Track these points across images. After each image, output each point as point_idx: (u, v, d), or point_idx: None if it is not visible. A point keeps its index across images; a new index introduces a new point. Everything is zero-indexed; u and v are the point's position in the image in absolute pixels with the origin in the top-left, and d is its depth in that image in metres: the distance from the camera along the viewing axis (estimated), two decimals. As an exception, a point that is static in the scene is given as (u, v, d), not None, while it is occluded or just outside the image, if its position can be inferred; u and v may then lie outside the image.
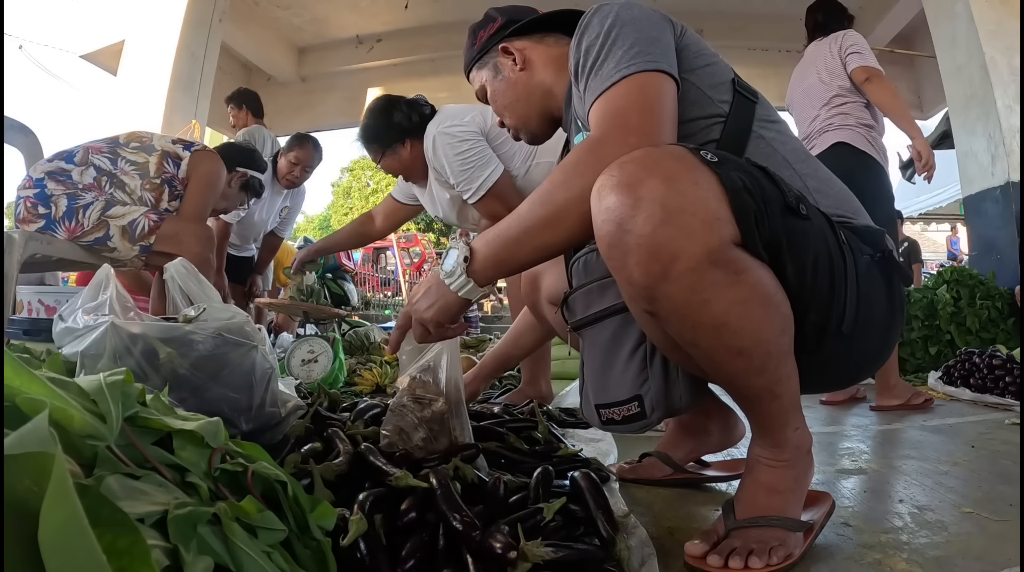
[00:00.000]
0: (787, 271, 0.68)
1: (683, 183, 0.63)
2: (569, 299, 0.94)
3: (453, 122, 1.75)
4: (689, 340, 0.69)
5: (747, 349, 0.67)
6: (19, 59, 15.57)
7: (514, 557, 0.56)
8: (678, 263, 0.62)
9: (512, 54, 0.99)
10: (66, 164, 1.87)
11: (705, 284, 0.63)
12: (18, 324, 1.65)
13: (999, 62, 3.24)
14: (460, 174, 1.73)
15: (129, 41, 4.39)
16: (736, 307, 0.65)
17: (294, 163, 2.79)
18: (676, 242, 0.62)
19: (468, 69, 1.08)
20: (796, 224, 0.69)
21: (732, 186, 0.64)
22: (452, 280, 0.79)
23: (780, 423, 0.73)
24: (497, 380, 2.21)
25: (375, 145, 1.86)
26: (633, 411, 0.83)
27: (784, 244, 0.67)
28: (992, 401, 1.90)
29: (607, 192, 0.65)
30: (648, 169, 0.64)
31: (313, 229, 24.18)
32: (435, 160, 1.77)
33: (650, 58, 0.75)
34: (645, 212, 0.62)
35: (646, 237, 0.62)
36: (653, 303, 0.67)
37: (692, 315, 0.65)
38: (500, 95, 1.03)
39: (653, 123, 0.72)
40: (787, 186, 0.71)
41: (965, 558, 0.70)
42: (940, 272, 3.02)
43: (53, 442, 0.28)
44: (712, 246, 0.62)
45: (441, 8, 5.72)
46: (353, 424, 0.96)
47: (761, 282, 0.66)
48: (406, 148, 1.84)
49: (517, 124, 1.04)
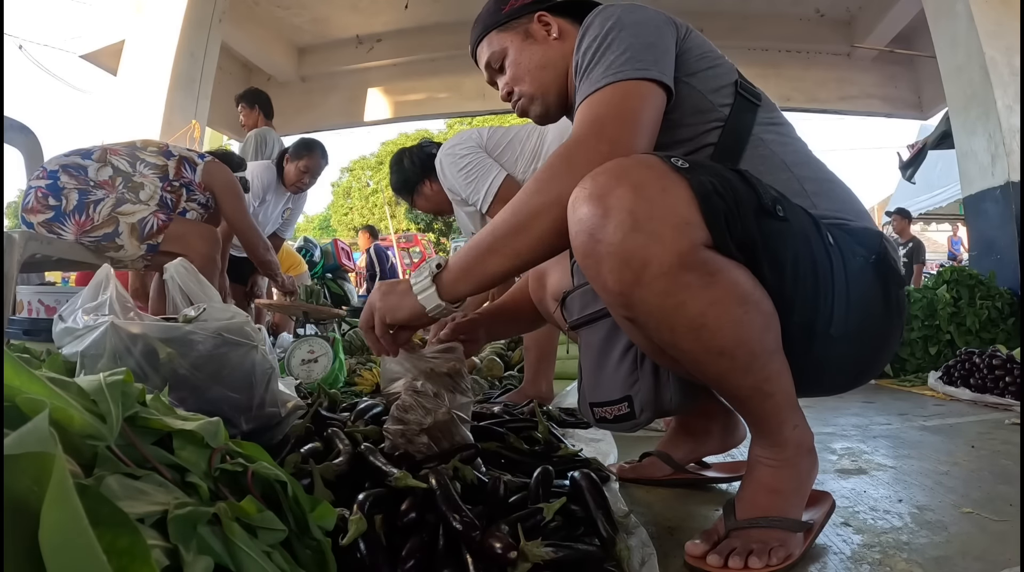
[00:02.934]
0: (763, 271, 0.68)
1: (651, 190, 0.64)
2: (567, 299, 0.94)
3: (452, 144, 1.88)
4: (669, 343, 0.69)
5: (728, 349, 0.67)
6: (19, 59, 15.58)
7: (514, 557, 0.56)
8: (650, 269, 0.63)
9: (549, 24, 0.98)
10: (83, 160, 1.89)
11: (678, 287, 0.64)
12: (18, 324, 1.65)
13: (999, 62, 3.24)
14: (466, 187, 1.82)
15: (129, 41, 4.38)
16: (713, 308, 0.65)
17: (303, 171, 2.80)
18: (647, 248, 0.63)
19: (486, 31, 1.02)
20: (772, 225, 0.69)
21: (702, 190, 0.64)
22: (417, 281, 0.79)
23: (776, 422, 0.73)
24: (497, 380, 2.21)
25: (405, 194, 2.07)
26: (623, 411, 0.84)
27: (759, 245, 0.67)
28: (992, 401, 1.90)
29: (580, 203, 0.66)
30: (618, 178, 0.64)
31: (313, 229, 24.18)
32: (445, 182, 1.90)
33: (640, 65, 0.76)
34: (615, 221, 0.63)
35: (616, 245, 0.63)
36: (630, 309, 0.68)
37: (669, 318, 0.66)
38: (527, 58, 0.98)
39: (627, 133, 0.73)
40: (764, 189, 0.71)
41: (965, 558, 0.70)
42: (940, 272, 3.02)
43: (53, 442, 0.28)
44: (682, 250, 0.63)
45: (441, 8, 5.71)
46: (353, 424, 0.96)
47: (737, 282, 0.66)
48: (427, 186, 2.02)
49: (535, 92, 0.98)
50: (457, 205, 2.01)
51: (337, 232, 22.39)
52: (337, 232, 22.39)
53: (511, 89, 1.00)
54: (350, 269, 3.71)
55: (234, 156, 2.37)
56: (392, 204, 15.68)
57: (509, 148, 1.85)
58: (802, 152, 0.86)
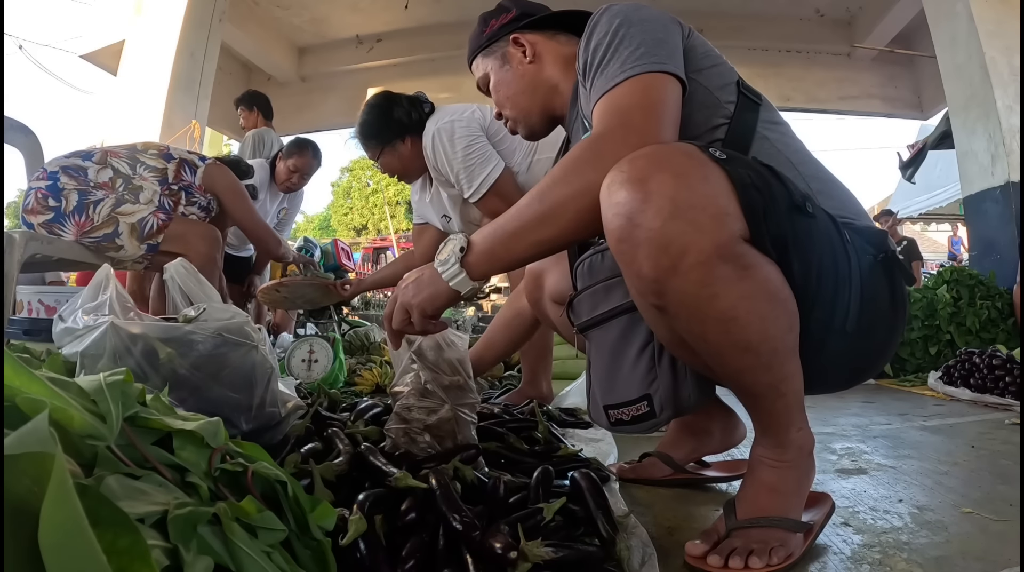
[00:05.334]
0: (793, 268, 0.68)
1: (693, 178, 0.63)
2: (574, 301, 0.93)
3: (452, 119, 1.71)
4: (698, 334, 0.69)
5: (754, 345, 0.67)
6: (19, 59, 15.57)
7: (514, 557, 0.56)
8: (687, 257, 0.62)
9: (523, 46, 0.99)
10: (83, 162, 1.90)
11: (714, 278, 0.63)
12: (18, 324, 1.65)
13: (999, 62, 3.24)
14: (461, 171, 1.69)
15: (129, 41, 4.38)
16: (744, 302, 0.65)
17: (292, 170, 2.79)
18: (685, 236, 0.62)
19: (473, 56, 1.07)
20: (803, 222, 0.69)
21: (741, 182, 0.64)
22: (445, 269, 0.78)
23: (784, 423, 0.73)
24: (497, 380, 2.21)
25: (374, 142, 1.82)
26: (642, 410, 0.82)
27: (791, 241, 0.68)
28: (992, 401, 1.90)
29: (617, 187, 0.65)
30: (658, 164, 0.64)
31: (313, 229, 24.19)
32: (434, 158, 1.73)
33: (656, 59, 0.75)
34: (655, 206, 0.62)
35: (656, 231, 0.63)
36: (662, 297, 0.67)
37: (701, 309, 0.66)
38: (504, 85, 1.02)
39: (655, 123, 0.72)
40: (793, 185, 0.71)
41: (965, 558, 0.70)
42: (940, 272, 3.02)
43: (53, 442, 0.28)
44: (721, 240, 0.63)
45: (441, 8, 5.72)
46: (353, 424, 0.96)
47: (769, 278, 0.66)
48: (406, 145, 1.80)
49: (517, 116, 1.03)
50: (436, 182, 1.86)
51: (337, 232, 22.40)
52: (337, 232, 22.40)
53: (499, 111, 1.06)
54: (350, 269, 3.70)
55: (241, 163, 2.36)
56: (392, 204, 15.63)
57: (508, 136, 1.70)
58: (803, 151, 0.86)
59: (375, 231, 20.92)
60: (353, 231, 22.08)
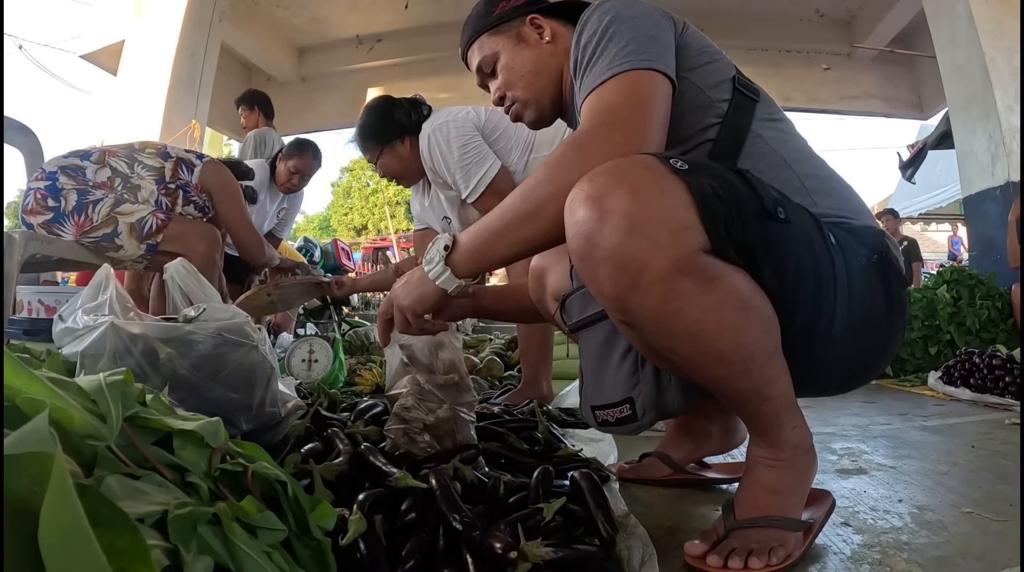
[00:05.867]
0: (764, 274, 0.68)
1: (649, 193, 0.63)
2: (567, 301, 0.94)
3: (448, 120, 1.71)
4: (667, 348, 0.69)
5: (727, 354, 0.67)
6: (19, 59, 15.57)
7: (514, 557, 0.56)
8: (647, 274, 0.62)
9: (541, 27, 0.97)
10: (82, 161, 1.90)
11: (676, 293, 0.63)
12: (18, 324, 1.65)
13: (999, 62, 3.24)
14: (457, 172, 1.69)
15: (129, 41, 4.39)
16: (711, 314, 0.64)
17: (293, 172, 2.79)
18: (643, 253, 0.62)
19: (477, 34, 1.02)
20: (773, 228, 0.68)
21: (701, 193, 0.63)
22: (431, 268, 0.79)
23: (775, 424, 0.73)
24: (497, 380, 2.21)
25: (373, 142, 1.82)
26: (625, 413, 0.82)
27: (759, 248, 0.67)
28: (992, 401, 1.90)
29: (577, 206, 0.65)
30: (616, 180, 0.64)
31: (313, 229, 24.19)
32: (431, 160, 1.73)
33: (645, 56, 0.75)
34: (612, 224, 0.62)
35: (613, 249, 0.63)
36: (627, 314, 0.67)
37: (666, 324, 0.65)
38: (520, 63, 0.97)
39: (641, 121, 0.72)
40: (765, 190, 0.70)
41: (965, 558, 0.70)
42: (940, 272, 3.02)
43: (53, 442, 0.28)
44: (680, 255, 0.62)
45: (441, 8, 5.72)
46: (353, 424, 0.96)
47: (736, 287, 0.66)
48: (405, 146, 1.80)
49: (529, 98, 0.98)
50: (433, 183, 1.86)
51: (337, 232, 22.39)
52: (337, 232, 22.39)
53: (503, 94, 1.00)
54: (350, 269, 3.71)
55: (241, 164, 2.35)
56: (392, 204, 15.63)
57: (504, 136, 1.74)
58: (802, 149, 0.85)
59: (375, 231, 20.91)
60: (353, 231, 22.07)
